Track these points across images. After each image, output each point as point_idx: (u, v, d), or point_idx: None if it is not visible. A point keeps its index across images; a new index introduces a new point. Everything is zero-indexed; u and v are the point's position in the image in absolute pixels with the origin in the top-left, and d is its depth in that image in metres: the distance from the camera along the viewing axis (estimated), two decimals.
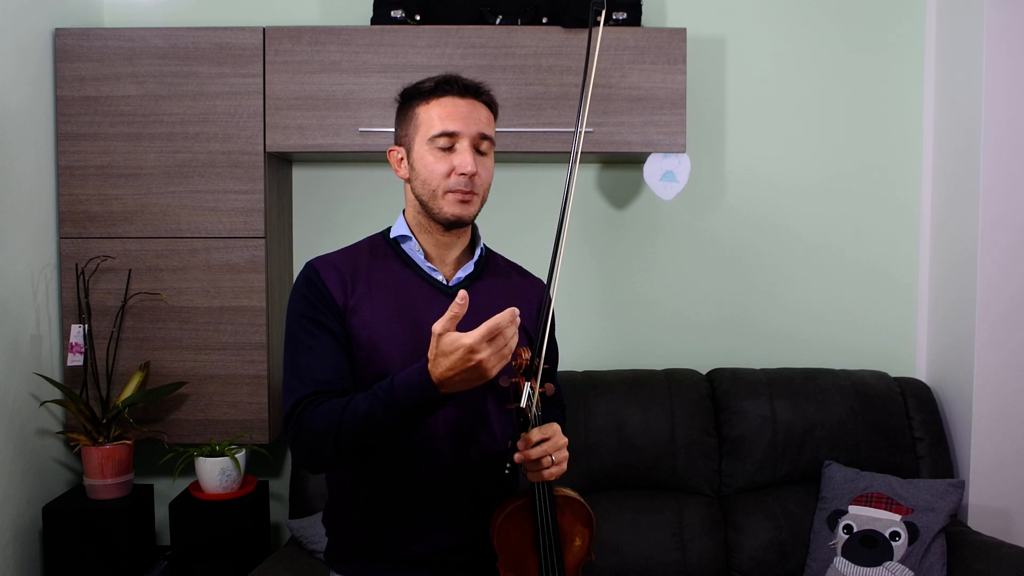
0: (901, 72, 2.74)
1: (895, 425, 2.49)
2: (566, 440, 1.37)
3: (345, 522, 1.48)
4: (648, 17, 2.67)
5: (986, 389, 2.47)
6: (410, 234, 1.50)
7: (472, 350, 1.20)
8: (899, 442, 2.48)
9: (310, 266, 1.47)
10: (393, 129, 1.55)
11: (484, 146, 1.46)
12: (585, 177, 2.75)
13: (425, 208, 1.46)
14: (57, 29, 2.40)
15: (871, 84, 2.74)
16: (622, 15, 2.44)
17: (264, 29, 2.40)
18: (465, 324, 1.40)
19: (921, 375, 2.76)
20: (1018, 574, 2.07)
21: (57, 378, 2.45)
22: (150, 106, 2.40)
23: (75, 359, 2.37)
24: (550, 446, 1.33)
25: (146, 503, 2.44)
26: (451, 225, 1.45)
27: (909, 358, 2.78)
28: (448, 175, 1.43)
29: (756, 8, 2.73)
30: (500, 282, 1.55)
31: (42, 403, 2.37)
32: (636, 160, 2.61)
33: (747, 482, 2.48)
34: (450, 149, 1.43)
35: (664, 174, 2.49)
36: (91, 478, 2.33)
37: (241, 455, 2.40)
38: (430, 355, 1.24)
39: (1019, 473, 2.48)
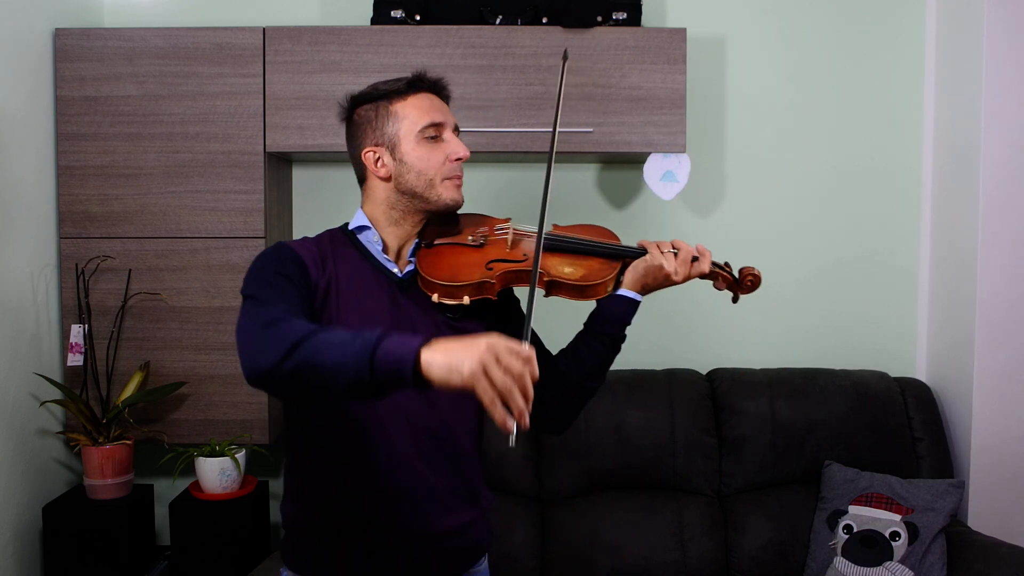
0: (901, 72, 2.74)
1: (895, 425, 2.49)
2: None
3: (299, 521, 1.48)
4: (648, 17, 2.67)
5: (986, 389, 2.47)
6: (369, 224, 1.51)
7: (491, 338, 1.10)
8: (899, 442, 2.48)
9: (282, 244, 1.46)
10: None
11: (457, 133, 1.53)
12: (585, 177, 2.75)
13: (419, 200, 1.48)
14: (57, 29, 2.40)
15: (871, 84, 2.74)
16: (622, 15, 2.44)
17: (264, 29, 2.40)
18: (414, 312, 1.46)
19: (921, 375, 2.76)
20: (1018, 574, 2.07)
21: (57, 378, 2.45)
22: (150, 106, 2.40)
23: (75, 359, 2.37)
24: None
25: (146, 503, 2.44)
26: (450, 209, 1.50)
27: (909, 358, 2.78)
28: (444, 163, 1.48)
29: (756, 8, 2.73)
30: None
31: (42, 403, 2.37)
32: (636, 160, 2.61)
33: (747, 482, 2.48)
34: (437, 139, 1.49)
35: (664, 174, 2.49)
36: (91, 478, 2.33)
37: (241, 455, 2.40)
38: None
39: (1019, 473, 2.48)
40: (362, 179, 1.54)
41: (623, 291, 1.53)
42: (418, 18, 2.44)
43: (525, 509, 2.42)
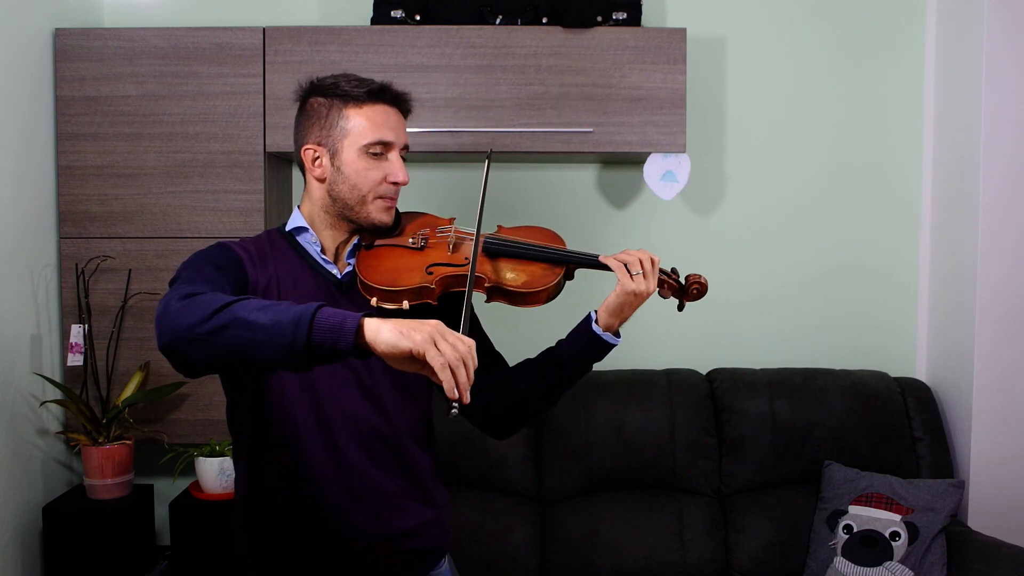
0: (901, 72, 2.74)
1: (895, 425, 2.49)
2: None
3: (256, 521, 1.46)
4: (648, 17, 2.67)
5: (986, 389, 2.47)
6: (306, 225, 1.50)
7: (440, 329, 1.11)
8: (899, 442, 2.48)
9: (222, 244, 1.45)
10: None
11: (404, 154, 1.50)
12: (585, 177, 2.75)
13: (346, 211, 1.47)
14: (57, 29, 2.40)
15: (871, 84, 2.74)
16: (622, 15, 2.44)
17: (264, 29, 2.40)
18: (356, 312, 1.40)
19: (921, 375, 2.76)
20: (1018, 574, 2.07)
21: (57, 378, 2.45)
22: (150, 106, 2.40)
23: (75, 359, 2.37)
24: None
25: (146, 503, 2.44)
26: (375, 230, 1.48)
27: (909, 358, 2.78)
28: (380, 182, 1.45)
29: (756, 8, 2.73)
30: None
31: (42, 403, 2.37)
32: (636, 160, 2.61)
33: (747, 482, 2.48)
34: (381, 156, 1.45)
35: (664, 174, 2.49)
36: (91, 478, 2.33)
37: None
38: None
39: (1019, 473, 2.48)
40: (303, 171, 1.51)
41: (602, 334, 1.48)
42: (418, 18, 2.44)
43: (525, 509, 2.42)
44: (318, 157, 1.47)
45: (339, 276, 1.49)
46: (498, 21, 2.44)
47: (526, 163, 2.73)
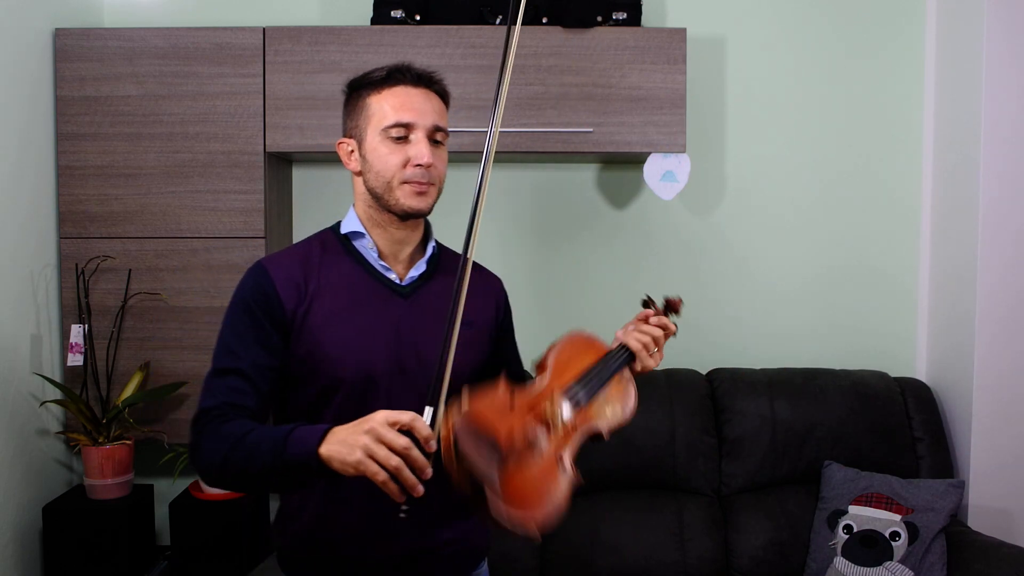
0: (901, 72, 2.74)
1: (895, 425, 2.49)
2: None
3: (295, 530, 1.43)
4: (648, 17, 2.67)
5: (986, 389, 2.47)
6: (363, 230, 1.44)
7: (373, 417, 1.14)
8: (899, 442, 2.48)
9: (261, 269, 1.40)
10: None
11: (439, 136, 1.42)
12: (585, 177, 2.75)
13: (379, 201, 1.41)
14: (57, 29, 2.40)
15: (871, 84, 2.74)
16: (622, 15, 2.44)
17: (264, 29, 2.40)
18: (416, 323, 1.40)
19: (921, 375, 2.76)
20: (1018, 574, 2.07)
21: (57, 378, 2.45)
22: (150, 106, 2.40)
23: (75, 359, 2.37)
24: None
25: (146, 503, 2.44)
26: (407, 217, 1.41)
27: (909, 358, 2.78)
28: (404, 166, 1.38)
29: (756, 8, 2.73)
30: (452, 281, 1.47)
31: (42, 403, 2.37)
32: (636, 160, 2.61)
33: (747, 482, 2.48)
34: (404, 140, 1.39)
35: (664, 174, 2.49)
36: (91, 478, 2.33)
37: None
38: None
39: (1019, 473, 2.48)
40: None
41: None
42: (418, 18, 2.44)
43: None
44: (352, 150, 1.44)
45: (399, 282, 1.44)
46: (498, 21, 2.44)
47: (526, 163, 2.73)
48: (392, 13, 2.43)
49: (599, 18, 2.41)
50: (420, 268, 1.46)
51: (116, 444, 2.34)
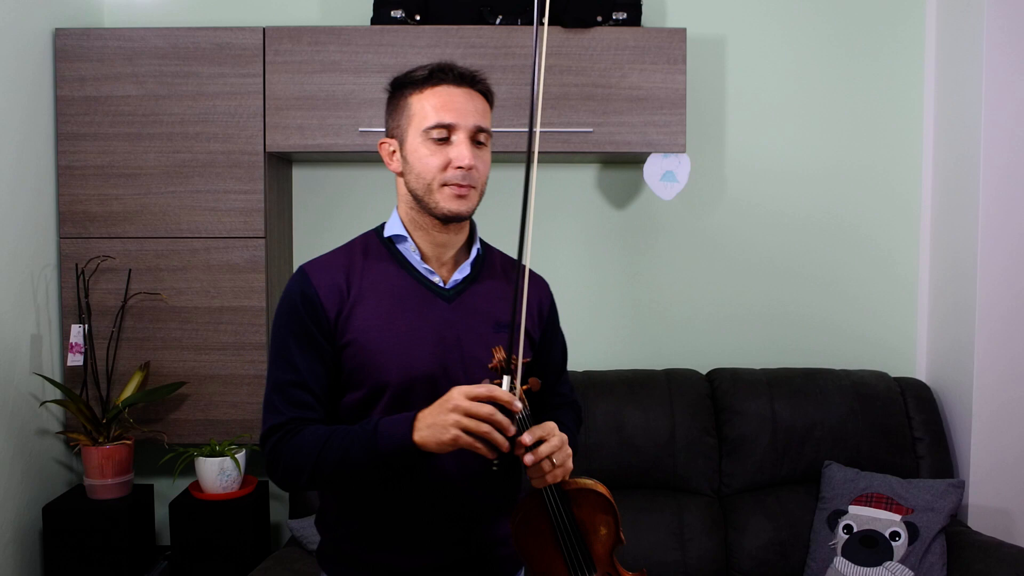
0: (901, 72, 2.74)
1: (895, 425, 2.49)
2: (565, 437, 1.30)
3: (340, 532, 1.43)
4: (648, 17, 2.67)
5: (986, 389, 2.47)
6: (405, 233, 1.43)
7: (453, 396, 1.22)
8: (899, 442, 2.48)
9: (303, 275, 1.39)
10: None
11: (481, 137, 1.39)
12: (585, 177, 2.75)
13: (420, 203, 1.39)
14: (57, 29, 2.40)
15: (871, 84, 2.74)
16: (622, 15, 2.44)
17: (264, 29, 2.40)
18: (460, 326, 1.39)
19: (921, 375, 2.76)
20: (1018, 574, 2.07)
21: (57, 378, 2.45)
22: (150, 106, 2.40)
23: (75, 359, 2.37)
24: (547, 448, 1.27)
25: (146, 503, 2.44)
26: (448, 220, 1.38)
27: (909, 358, 2.78)
28: (444, 168, 1.35)
29: (756, 8, 2.73)
30: (497, 284, 1.48)
31: (42, 403, 2.38)
32: (636, 160, 2.61)
33: (747, 482, 2.48)
34: (445, 141, 1.36)
35: (664, 174, 2.49)
36: (91, 478, 2.33)
37: (241, 455, 2.40)
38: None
39: (1019, 473, 2.48)
40: None
41: None
42: (418, 18, 2.44)
43: None
44: (393, 151, 1.42)
45: (443, 285, 1.42)
46: (498, 21, 2.44)
47: (525, 163, 2.72)
48: (392, 13, 2.43)
49: (599, 18, 2.41)
50: (464, 271, 1.45)
51: (116, 444, 2.34)
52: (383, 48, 2.39)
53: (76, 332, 2.38)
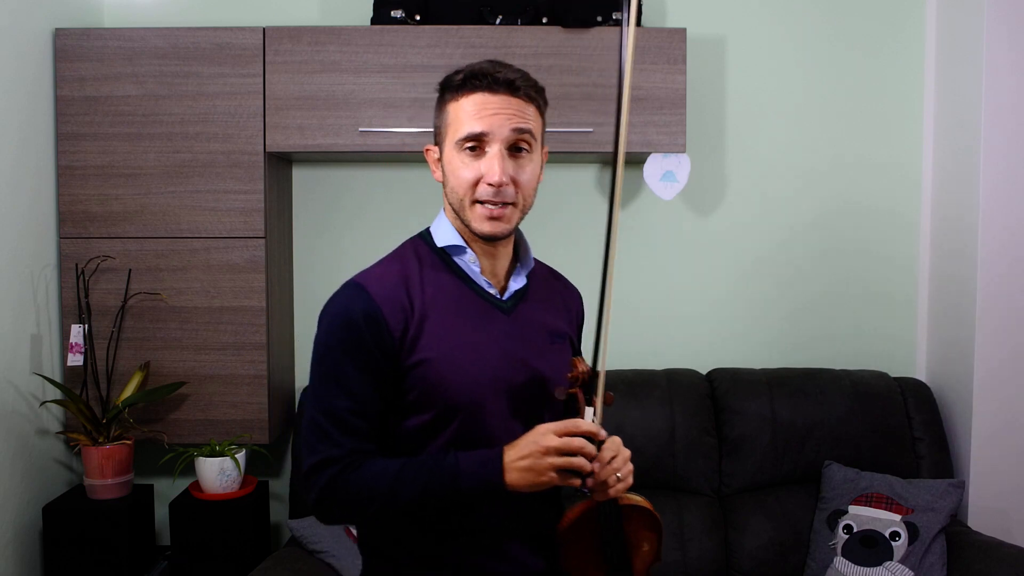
0: (901, 72, 2.74)
1: (895, 425, 2.49)
2: (628, 453, 1.31)
3: (399, 558, 1.33)
4: (648, 17, 2.67)
5: (986, 389, 2.47)
6: (463, 243, 1.33)
7: (544, 437, 1.21)
8: (899, 442, 2.48)
9: (360, 290, 1.27)
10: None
11: (524, 143, 1.28)
12: (585, 177, 2.75)
13: (459, 218, 1.31)
14: (57, 29, 2.40)
15: (871, 84, 2.74)
16: (622, 15, 2.43)
17: (264, 29, 2.40)
18: (520, 338, 1.34)
19: (921, 375, 2.76)
20: (1018, 574, 2.07)
21: (57, 378, 2.45)
22: (150, 106, 2.40)
23: (75, 359, 2.37)
24: (619, 462, 1.27)
25: (146, 503, 2.44)
26: (484, 239, 1.31)
27: (909, 358, 2.78)
28: (475, 184, 1.26)
29: (756, 8, 2.73)
30: (545, 294, 1.44)
31: (42, 403, 2.37)
32: (636, 160, 2.61)
33: (747, 482, 2.48)
34: (479, 152, 1.27)
35: (664, 174, 2.49)
36: (91, 478, 2.33)
37: (241, 455, 2.40)
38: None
39: (1019, 473, 2.48)
40: None
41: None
42: (418, 18, 2.44)
43: None
44: (437, 158, 1.34)
45: (501, 297, 1.36)
46: (498, 21, 2.44)
47: None
48: (392, 13, 2.43)
49: (599, 18, 2.41)
50: (520, 282, 1.39)
51: (116, 444, 2.34)
52: (383, 48, 2.39)
53: (76, 332, 2.38)
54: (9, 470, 2.23)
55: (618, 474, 1.27)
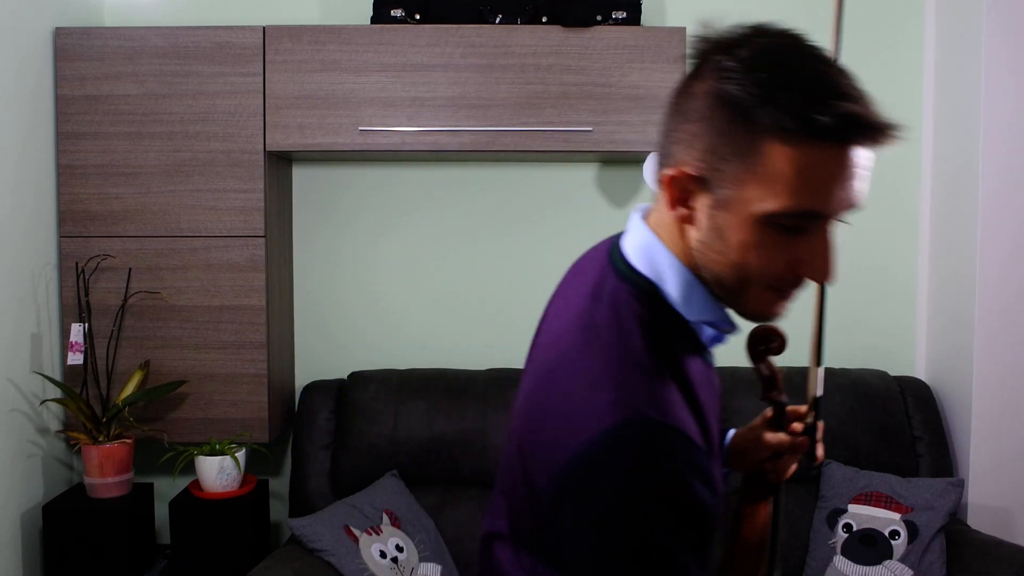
0: (901, 72, 2.74)
1: (895, 424, 2.49)
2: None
3: None
4: (648, 16, 2.67)
5: (986, 388, 2.47)
6: (728, 323, 1.00)
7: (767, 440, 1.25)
8: (899, 441, 2.48)
9: (682, 438, 0.85)
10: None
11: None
12: (585, 176, 2.75)
13: (712, 286, 0.94)
14: (57, 28, 2.40)
15: (870, 84, 2.70)
16: (622, 14, 2.44)
17: (264, 28, 2.40)
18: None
19: (921, 374, 2.76)
20: (1017, 573, 2.07)
21: (57, 377, 2.45)
22: (150, 105, 2.40)
23: (75, 358, 2.37)
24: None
25: (146, 502, 2.45)
26: (749, 318, 0.99)
27: (909, 357, 2.78)
28: (784, 268, 0.90)
29: (756, 8, 2.72)
30: None
31: (42, 402, 2.38)
32: (636, 159, 2.61)
33: None
34: (799, 231, 0.89)
35: None
36: (91, 477, 2.33)
37: (241, 454, 2.40)
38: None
39: (1019, 472, 2.48)
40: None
41: None
42: (418, 17, 2.44)
43: None
44: (691, 191, 0.98)
45: (711, 358, 1.08)
46: (498, 20, 2.44)
47: (526, 162, 2.73)
48: (392, 12, 2.43)
49: (599, 17, 2.41)
50: (716, 340, 1.06)
51: (116, 443, 2.34)
52: (383, 47, 2.39)
53: (76, 331, 2.38)
54: (9, 469, 2.24)
55: None
